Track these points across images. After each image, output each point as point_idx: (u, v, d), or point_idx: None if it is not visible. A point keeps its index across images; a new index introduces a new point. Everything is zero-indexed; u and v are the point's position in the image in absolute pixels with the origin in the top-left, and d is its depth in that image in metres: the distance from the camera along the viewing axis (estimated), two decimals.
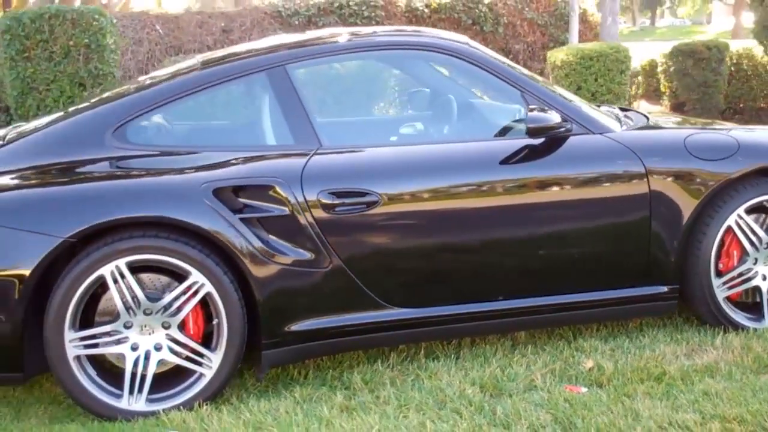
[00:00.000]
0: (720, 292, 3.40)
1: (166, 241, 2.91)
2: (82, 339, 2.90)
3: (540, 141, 3.26)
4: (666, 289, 3.35)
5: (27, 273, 2.83)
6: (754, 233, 3.40)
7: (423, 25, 11.72)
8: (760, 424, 2.63)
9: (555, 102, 3.33)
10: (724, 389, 2.88)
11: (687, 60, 9.87)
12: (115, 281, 2.88)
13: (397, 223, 3.13)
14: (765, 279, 3.46)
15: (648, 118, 3.72)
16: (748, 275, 3.43)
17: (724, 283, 3.41)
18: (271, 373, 3.26)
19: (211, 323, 3.01)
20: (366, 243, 3.12)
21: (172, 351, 2.96)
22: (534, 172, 3.23)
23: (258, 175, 3.04)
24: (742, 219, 3.37)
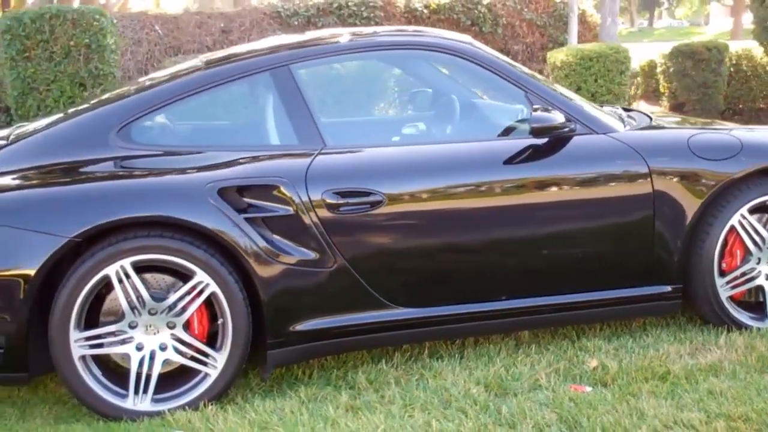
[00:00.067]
0: (723, 291, 3.40)
1: (171, 240, 2.91)
2: (88, 339, 2.90)
3: (544, 141, 3.26)
4: (669, 288, 3.36)
5: (32, 273, 2.83)
6: (757, 233, 3.41)
7: (422, 25, 11.73)
8: (765, 422, 2.64)
9: (559, 102, 3.34)
10: (729, 388, 2.89)
11: (687, 61, 9.89)
12: (120, 281, 2.88)
13: (401, 223, 3.14)
14: None
15: (651, 118, 3.73)
16: (752, 275, 3.43)
17: (728, 282, 3.41)
18: (275, 373, 3.27)
19: (216, 323, 3.01)
20: (370, 243, 3.13)
21: (177, 351, 2.96)
22: (538, 172, 3.23)
23: (262, 175, 3.04)
24: (746, 219, 3.37)
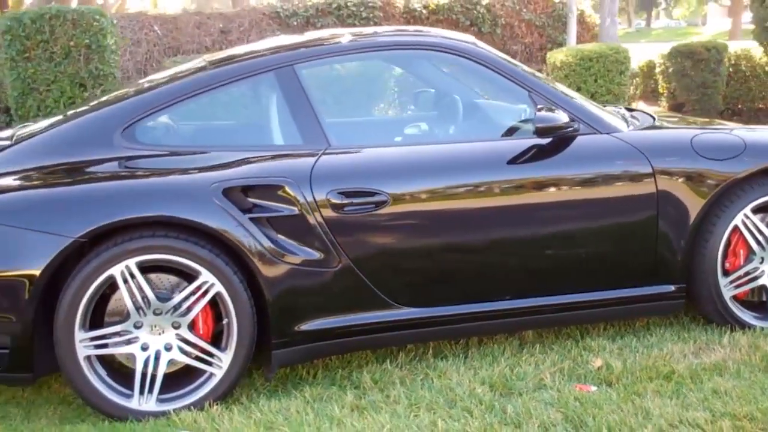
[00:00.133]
0: (727, 291, 3.41)
1: (176, 240, 2.91)
2: (93, 339, 2.90)
3: (547, 141, 3.26)
4: (673, 288, 3.36)
5: (37, 273, 2.83)
6: (761, 232, 3.41)
7: (421, 26, 11.74)
8: None
9: (562, 102, 3.34)
10: (734, 387, 2.89)
11: (686, 61, 9.90)
12: (125, 281, 2.88)
13: (405, 223, 3.14)
14: None
15: (654, 118, 3.74)
16: (755, 274, 3.44)
17: (731, 282, 3.42)
18: (279, 373, 3.27)
19: (221, 323, 3.01)
20: (375, 243, 3.13)
21: (182, 351, 2.96)
22: (542, 172, 3.24)
23: (267, 175, 3.04)
24: (749, 218, 3.38)
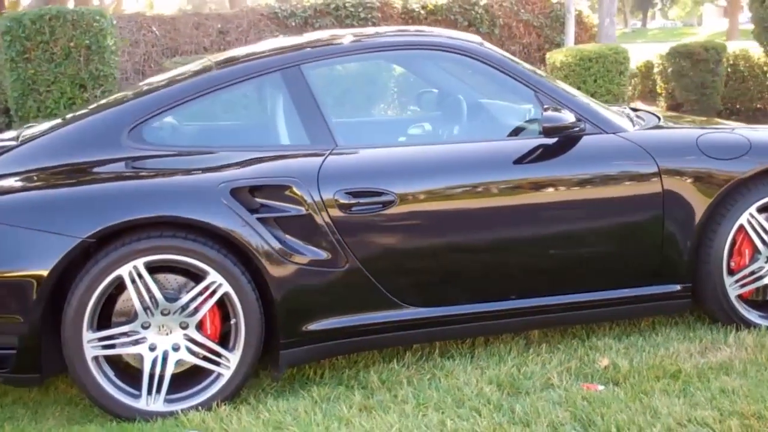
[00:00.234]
0: (732, 290, 3.42)
1: (184, 241, 2.91)
2: (100, 339, 2.89)
3: (554, 141, 3.27)
4: (679, 287, 3.37)
5: (45, 273, 2.83)
6: (766, 232, 3.42)
7: (420, 26, 11.73)
8: None
9: (569, 102, 3.35)
10: (741, 386, 2.90)
11: (685, 61, 9.92)
12: (133, 281, 2.88)
13: (413, 223, 3.14)
14: None
15: (659, 118, 3.75)
16: (760, 273, 3.44)
17: (736, 281, 3.43)
18: (286, 373, 3.27)
19: (228, 323, 3.01)
20: (382, 243, 3.13)
21: (189, 351, 2.96)
22: (549, 171, 3.24)
23: (275, 175, 3.05)
24: (754, 218, 3.39)
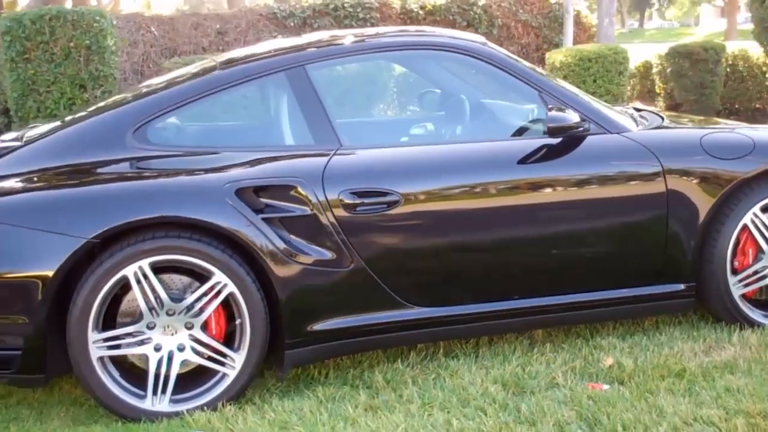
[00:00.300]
0: (736, 289, 3.42)
1: (189, 241, 2.91)
2: (106, 340, 2.89)
3: (558, 141, 3.27)
4: (683, 287, 3.38)
5: (50, 274, 2.82)
6: None
7: (419, 26, 11.73)
8: None
9: (573, 102, 3.35)
10: (746, 385, 2.90)
11: (684, 61, 9.93)
12: (138, 282, 2.88)
13: (417, 223, 3.14)
14: None
15: (663, 118, 3.75)
16: (764, 273, 3.45)
17: (740, 280, 3.43)
18: (291, 373, 3.26)
19: (233, 323, 3.01)
20: (387, 243, 3.13)
21: (195, 351, 2.96)
22: (553, 171, 3.24)
23: (280, 175, 3.05)
24: (758, 217, 3.39)
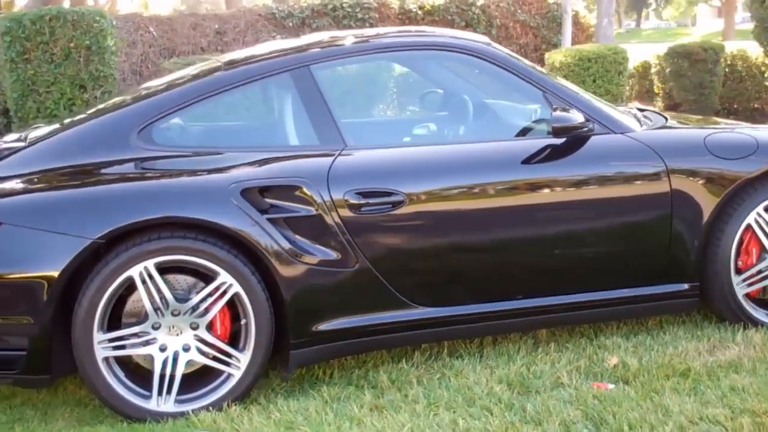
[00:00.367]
0: (739, 289, 3.43)
1: (195, 241, 2.91)
2: (111, 341, 2.89)
3: (562, 141, 3.28)
4: (687, 286, 3.39)
5: (56, 275, 2.82)
6: None
7: (417, 27, 11.73)
8: None
9: (577, 102, 3.36)
10: (751, 384, 2.91)
11: (683, 61, 9.95)
12: (143, 282, 2.88)
13: (422, 223, 3.14)
14: None
15: (666, 118, 3.76)
16: (767, 272, 3.46)
17: (744, 280, 3.44)
18: (295, 373, 3.26)
19: (238, 323, 3.01)
20: (392, 243, 3.13)
21: (200, 351, 2.96)
22: (558, 171, 3.25)
23: (285, 176, 3.05)
24: (761, 217, 3.40)
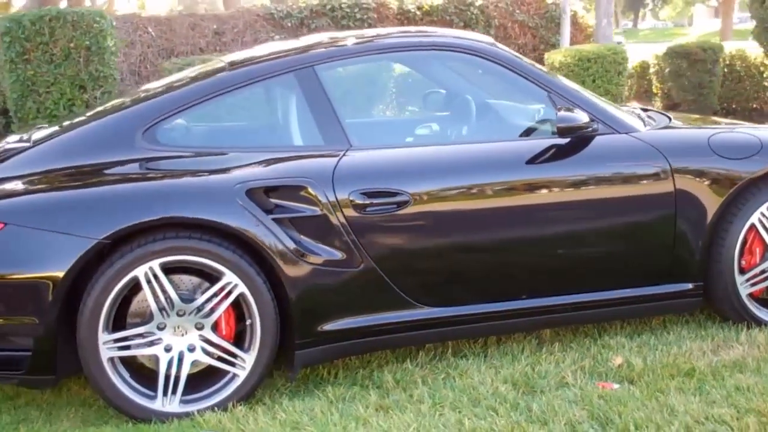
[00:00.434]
0: (743, 289, 3.44)
1: (200, 242, 2.90)
2: (116, 341, 2.89)
3: (566, 141, 3.28)
4: (691, 286, 3.39)
5: (61, 275, 2.82)
6: None
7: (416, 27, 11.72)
8: None
9: (582, 102, 3.36)
10: (755, 384, 2.91)
11: (682, 61, 9.98)
12: (148, 283, 2.87)
13: (427, 223, 3.14)
14: None
15: (670, 118, 3.77)
16: None
17: (747, 280, 3.45)
18: (300, 374, 3.26)
19: (243, 323, 3.00)
20: (397, 243, 3.13)
21: (205, 352, 2.96)
22: (563, 171, 3.25)
23: (290, 176, 3.05)
24: (765, 216, 3.40)
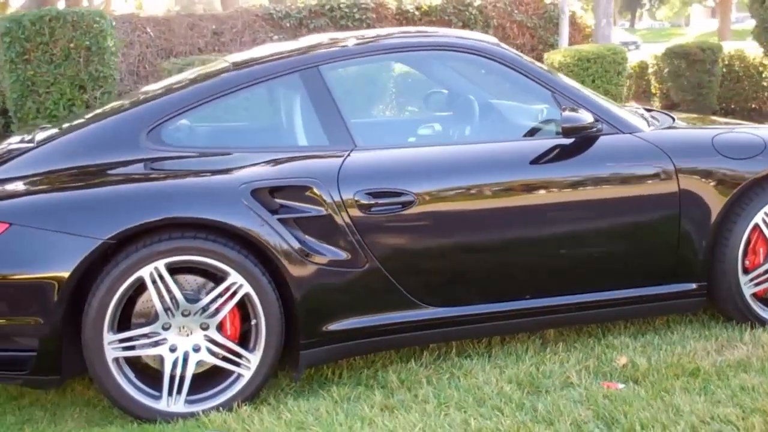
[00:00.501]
0: (747, 289, 3.44)
1: (205, 242, 2.90)
2: (121, 341, 2.88)
3: (571, 141, 3.29)
4: (695, 286, 3.40)
5: (66, 275, 2.81)
6: None
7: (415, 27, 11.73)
8: None
9: (586, 102, 3.37)
10: (760, 383, 2.92)
11: (681, 61, 9.99)
12: (153, 283, 2.87)
13: (432, 224, 3.15)
14: None
15: (674, 118, 3.77)
16: None
17: (751, 280, 3.45)
18: (304, 373, 3.26)
19: (247, 323, 3.00)
20: (401, 243, 3.13)
21: (210, 352, 2.96)
22: (567, 171, 3.25)
23: (295, 176, 3.05)
24: None
